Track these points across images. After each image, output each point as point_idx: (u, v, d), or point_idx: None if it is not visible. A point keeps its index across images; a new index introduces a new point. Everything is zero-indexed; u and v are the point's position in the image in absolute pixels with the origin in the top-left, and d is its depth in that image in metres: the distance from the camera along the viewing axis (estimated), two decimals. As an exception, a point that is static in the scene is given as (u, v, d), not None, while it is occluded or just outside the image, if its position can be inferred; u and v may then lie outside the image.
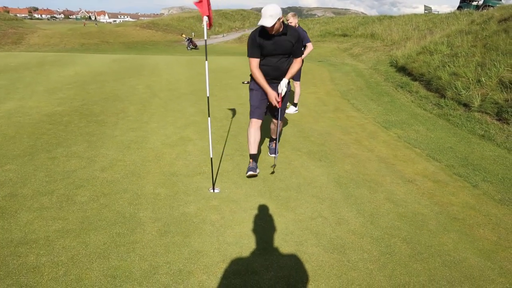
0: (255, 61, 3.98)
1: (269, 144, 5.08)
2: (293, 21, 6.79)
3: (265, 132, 5.03)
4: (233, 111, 6.96)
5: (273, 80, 4.13)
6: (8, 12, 59.64)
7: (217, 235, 3.08)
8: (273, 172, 4.35)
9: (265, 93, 4.11)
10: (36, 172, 4.08)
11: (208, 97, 3.94)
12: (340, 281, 2.60)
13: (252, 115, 4.22)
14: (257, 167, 4.26)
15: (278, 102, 4.07)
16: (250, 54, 3.99)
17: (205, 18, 3.56)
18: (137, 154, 4.71)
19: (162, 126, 5.92)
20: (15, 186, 3.72)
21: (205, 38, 3.88)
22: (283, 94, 4.09)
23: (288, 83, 4.16)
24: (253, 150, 4.22)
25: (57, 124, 5.80)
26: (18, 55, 17.03)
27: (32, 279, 2.46)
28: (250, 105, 4.25)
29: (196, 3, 3.58)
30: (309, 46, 6.79)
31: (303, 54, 7.04)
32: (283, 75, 4.12)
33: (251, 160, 4.27)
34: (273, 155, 4.73)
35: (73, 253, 2.75)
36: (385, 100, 8.22)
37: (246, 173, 4.18)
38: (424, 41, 11.88)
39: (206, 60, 3.90)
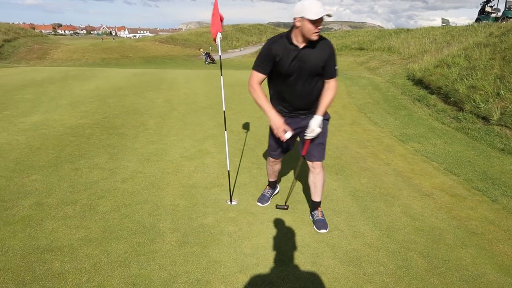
0: (258, 76, 3.01)
1: (313, 214, 3.57)
2: None
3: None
4: (251, 125, 7.06)
5: (298, 112, 3.17)
6: (34, 28, 61.94)
7: (235, 246, 3.13)
8: None
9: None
10: (60, 182, 4.24)
11: (224, 111, 4.04)
12: (356, 293, 2.61)
13: (271, 154, 3.55)
14: (270, 198, 3.94)
15: (287, 134, 3.06)
16: (256, 67, 3.01)
17: (219, 35, 3.66)
18: (157, 166, 4.83)
19: (181, 139, 6.05)
20: (41, 196, 3.87)
21: (219, 54, 4.01)
22: (312, 135, 3.11)
23: (322, 121, 3.13)
24: (272, 178, 3.87)
25: (80, 136, 6.00)
26: (43, 69, 17.65)
27: (57, 285, 2.56)
28: (269, 144, 3.50)
29: (212, 25, 3.66)
30: None
31: None
32: (311, 105, 3.13)
33: (267, 188, 4.00)
34: (323, 231, 3.39)
35: (95, 260, 2.85)
36: (402, 114, 8.19)
37: (257, 201, 3.90)
38: (441, 54, 11.82)
39: (222, 75, 4.02)
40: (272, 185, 3.98)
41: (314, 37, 2.76)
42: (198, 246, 3.10)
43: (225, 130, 4.08)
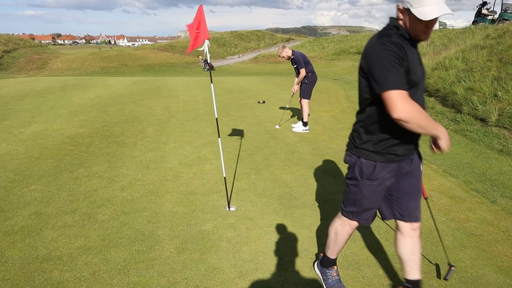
0: (405, 95, 1.83)
1: None
2: (285, 54, 6.88)
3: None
4: (249, 131, 7.08)
5: (412, 148, 2.18)
6: (33, 39, 62.23)
7: (233, 252, 3.13)
8: None
9: (384, 187, 2.21)
10: (59, 191, 4.25)
11: (216, 119, 4.08)
12: (355, 297, 2.61)
13: (358, 215, 2.36)
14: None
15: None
16: (396, 83, 1.82)
17: (207, 42, 3.67)
18: (156, 174, 4.85)
19: (179, 146, 6.07)
20: (40, 205, 3.88)
21: (209, 61, 4.05)
22: None
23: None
24: (335, 254, 2.63)
25: (79, 145, 6.02)
26: (42, 79, 17.72)
27: (56, 295, 2.57)
28: (356, 203, 2.31)
29: (188, 26, 3.63)
30: (302, 72, 6.82)
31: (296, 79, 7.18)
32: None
33: (334, 269, 2.67)
34: None
35: (94, 269, 2.85)
36: (401, 117, 8.20)
37: None
38: (439, 57, 11.88)
39: (212, 82, 4.09)
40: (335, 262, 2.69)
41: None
42: (197, 253, 3.10)
43: (219, 137, 4.12)
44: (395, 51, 1.86)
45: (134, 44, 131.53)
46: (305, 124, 7.13)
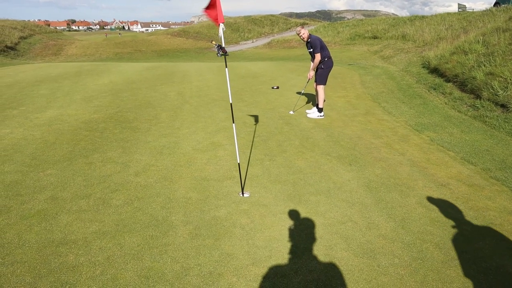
0: None
1: None
2: (305, 32, 6.74)
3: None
4: (263, 116, 7.01)
5: None
6: (48, 25, 62.67)
7: (247, 238, 3.12)
8: None
9: None
10: (74, 176, 4.28)
11: (231, 104, 4.04)
12: (370, 286, 2.57)
13: None
14: None
15: None
16: None
17: (222, 25, 3.58)
18: (169, 159, 4.85)
19: (193, 132, 6.05)
20: (56, 190, 3.92)
21: (223, 45, 3.98)
22: None
23: None
24: None
25: (93, 130, 6.05)
26: (57, 65, 17.86)
27: (71, 278, 2.59)
28: None
29: (206, 10, 3.55)
30: (317, 57, 6.68)
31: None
32: None
33: None
34: None
35: (109, 253, 2.87)
36: (417, 103, 8.02)
37: None
38: (458, 41, 11.51)
39: (226, 67, 4.04)
40: None
41: None
42: (210, 239, 3.10)
43: (233, 122, 4.07)
44: None
45: (147, 30, 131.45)
46: (320, 110, 7.03)
